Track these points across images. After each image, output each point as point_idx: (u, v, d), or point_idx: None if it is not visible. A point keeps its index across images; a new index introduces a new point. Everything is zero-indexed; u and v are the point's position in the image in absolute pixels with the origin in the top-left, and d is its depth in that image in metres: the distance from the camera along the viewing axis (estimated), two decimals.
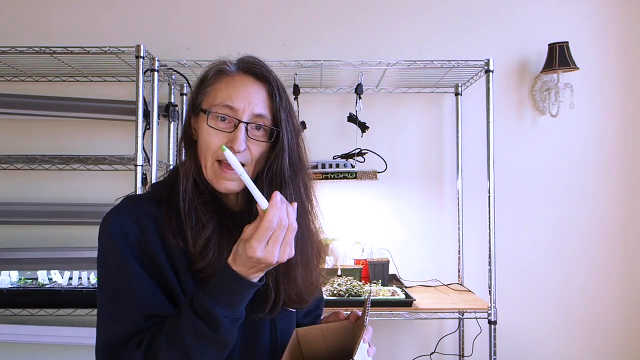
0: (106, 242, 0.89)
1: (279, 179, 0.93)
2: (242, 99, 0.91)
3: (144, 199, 0.97)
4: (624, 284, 2.48)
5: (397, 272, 2.38)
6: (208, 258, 0.89)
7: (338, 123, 2.42)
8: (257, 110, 0.92)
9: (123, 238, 0.88)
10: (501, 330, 2.33)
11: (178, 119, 2.38)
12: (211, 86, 0.95)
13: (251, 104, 0.91)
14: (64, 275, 2.10)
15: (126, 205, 0.94)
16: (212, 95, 0.94)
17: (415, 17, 2.50)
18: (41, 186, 2.39)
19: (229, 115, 0.91)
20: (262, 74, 0.94)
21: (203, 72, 1.00)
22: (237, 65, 0.96)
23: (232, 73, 0.95)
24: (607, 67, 2.50)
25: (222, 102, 0.91)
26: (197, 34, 2.47)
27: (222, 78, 0.94)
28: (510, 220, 2.44)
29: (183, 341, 0.81)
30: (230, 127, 0.91)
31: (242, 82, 0.93)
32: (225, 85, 0.93)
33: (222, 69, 0.95)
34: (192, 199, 0.92)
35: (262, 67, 0.95)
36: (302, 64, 2.05)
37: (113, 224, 0.89)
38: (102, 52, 1.97)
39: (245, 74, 0.95)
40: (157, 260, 0.89)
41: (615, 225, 2.49)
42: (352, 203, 2.46)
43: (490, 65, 2.05)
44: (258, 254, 0.79)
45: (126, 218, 0.90)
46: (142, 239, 0.89)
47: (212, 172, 0.92)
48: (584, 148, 2.49)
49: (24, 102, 2.29)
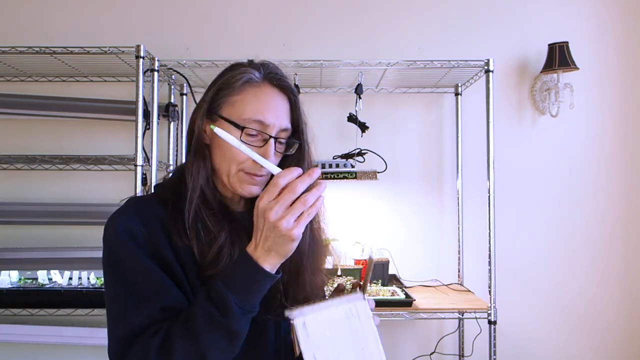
0: (114, 243, 0.88)
1: None
2: (272, 114, 0.92)
3: (148, 200, 0.97)
4: (624, 284, 2.48)
5: (397, 272, 2.38)
6: (220, 266, 0.89)
7: (338, 123, 2.42)
8: (284, 124, 0.93)
9: (131, 237, 0.88)
10: (501, 330, 2.34)
11: (178, 119, 2.38)
12: (237, 95, 0.93)
13: (279, 118, 0.92)
14: (64, 275, 2.10)
15: (131, 206, 0.94)
16: (238, 107, 0.92)
17: (415, 17, 2.50)
18: (41, 186, 2.39)
19: (259, 130, 0.91)
20: (287, 86, 0.95)
21: (221, 75, 0.97)
22: (262, 74, 0.94)
23: (258, 83, 0.93)
24: (607, 67, 2.50)
25: (253, 116, 0.91)
26: (197, 34, 2.47)
27: (249, 89, 0.93)
28: (510, 220, 2.44)
29: (195, 328, 0.80)
30: (259, 142, 0.92)
31: (271, 95, 0.93)
32: (253, 98, 0.92)
33: (249, 79, 0.93)
34: (197, 213, 0.91)
35: (285, 78, 0.96)
36: (302, 64, 2.05)
37: (119, 224, 0.89)
38: (102, 52, 1.97)
39: (271, 85, 0.94)
40: (166, 258, 0.88)
41: (615, 225, 2.49)
42: (352, 203, 2.46)
43: (490, 65, 2.05)
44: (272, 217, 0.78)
45: (132, 218, 0.90)
46: (149, 238, 0.89)
47: (237, 179, 0.93)
48: (584, 148, 2.49)
49: (24, 102, 2.29)
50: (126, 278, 0.87)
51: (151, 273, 0.86)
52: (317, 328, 0.80)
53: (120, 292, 0.87)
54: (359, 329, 0.81)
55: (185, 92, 2.42)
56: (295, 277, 0.95)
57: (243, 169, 0.92)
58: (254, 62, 0.98)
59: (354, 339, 0.80)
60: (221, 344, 0.81)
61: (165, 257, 0.88)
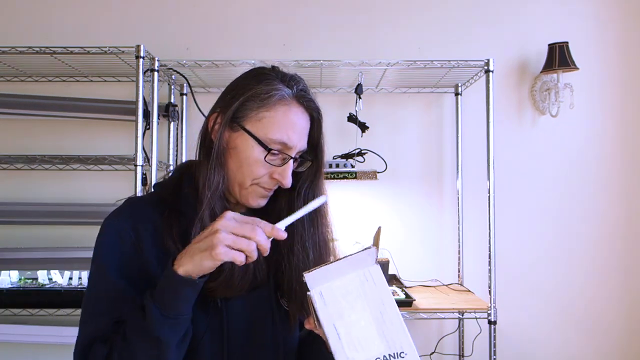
0: (96, 244, 0.90)
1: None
2: (297, 136, 0.92)
3: (145, 202, 0.96)
4: (624, 284, 2.48)
5: (397, 272, 2.38)
6: (220, 280, 0.88)
7: (338, 123, 2.42)
8: (303, 146, 0.95)
9: (117, 242, 0.89)
10: (501, 330, 2.34)
11: (178, 119, 2.38)
12: (266, 112, 0.90)
13: (301, 140, 0.93)
14: (64, 275, 2.10)
15: (126, 209, 0.94)
16: (266, 124, 0.90)
17: (415, 17, 2.50)
18: (41, 186, 2.39)
19: (281, 151, 0.91)
20: (314, 107, 0.96)
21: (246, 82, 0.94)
22: (292, 92, 0.93)
23: (288, 102, 0.92)
24: (607, 67, 2.50)
25: (279, 138, 0.90)
26: (197, 34, 2.47)
27: (279, 107, 0.91)
28: (510, 220, 2.44)
29: (127, 336, 0.81)
30: (278, 161, 0.92)
31: (298, 116, 0.93)
32: (282, 117, 0.91)
33: (281, 97, 0.91)
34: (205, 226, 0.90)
35: (312, 98, 0.96)
36: (302, 64, 2.05)
37: (109, 227, 0.90)
38: (102, 52, 1.97)
39: (299, 103, 0.94)
40: (149, 269, 0.88)
41: (615, 225, 2.49)
42: (352, 203, 2.46)
43: (490, 65, 2.05)
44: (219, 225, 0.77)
45: (124, 222, 0.90)
46: (137, 244, 0.89)
47: (250, 191, 0.93)
48: (584, 148, 2.49)
49: (24, 102, 2.29)
50: (92, 284, 0.89)
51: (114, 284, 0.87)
52: (334, 297, 0.78)
53: (88, 295, 0.89)
54: (376, 294, 0.80)
55: (185, 92, 2.42)
56: None
57: (258, 183, 0.92)
58: (280, 73, 0.95)
59: (372, 305, 0.79)
60: (150, 352, 0.81)
61: (148, 267, 0.89)
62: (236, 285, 0.89)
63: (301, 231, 0.96)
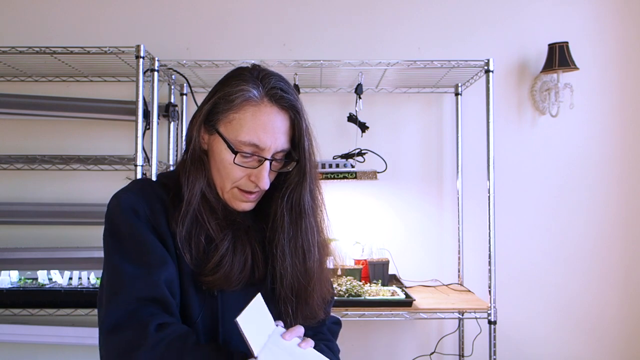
0: (117, 216, 0.89)
1: (299, 208, 0.95)
2: (269, 137, 0.89)
3: (153, 184, 0.97)
4: (624, 284, 2.48)
5: (397, 272, 2.38)
6: (219, 274, 0.88)
7: (338, 123, 2.42)
8: (281, 146, 0.91)
9: (134, 213, 0.88)
10: (501, 331, 2.33)
11: (178, 119, 2.38)
12: (234, 113, 0.90)
13: (276, 141, 0.90)
14: (64, 275, 2.10)
15: (136, 185, 0.95)
16: (235, 125, 0.89)
17: (415, 17, 2.50)
18: (41, 186, 2.39)
19: (254, 153, 0.90)
20: (288, 104, 0.91)
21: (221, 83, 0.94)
22: (262, 90, 0.90)
23: (257, 102, 0.89)
24: (607, 67, 2.50)
25: (248, 140, 0.89)
26: (197, 34, 2.46)
27: (247, 108, 0.89)
28: (510, 220, 2.44)
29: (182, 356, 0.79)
30: (254, 163, 0.91)
31: (269, 117, 0.89)
32: (251, 118, 0.89)
33: (247, 98, 0.89)
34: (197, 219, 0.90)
35: (288, 95, 0.91)
36: (302, 64, 2.05)
37: (124, 200, 0.90)
38: (102, 52, 1.97)
39: (270, 103, 0.90)
40: (165, 239, 0.89)
41: (615, 225, 2.49)
42: (352, 203, 2.46)
43: (490, 65, 2.05)
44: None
45: (136, 196, 0.91)
46: (151, 217, 0.89)
47: (231, 195, 0.93)
48: (584, 148, 2.49)
49: (24, 102, 2.29)
50: (130, 249, 0.86)
51: (154, 245, 0.87)
52: None
53: (123, 262, 0.86)
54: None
55: (185, 92, 2.42)
56: (305, 300, 0.96)
57: (238, 186, 0.92)
58: (257, 71, 0.94)
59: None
60: None
61: (165, 238, 0.89)
62: (234, 279, 0.90)
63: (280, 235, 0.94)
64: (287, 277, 0.93)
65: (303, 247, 0.95)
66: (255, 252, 0.94)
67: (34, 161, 2.18)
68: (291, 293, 0.94)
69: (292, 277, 0.94)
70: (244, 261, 0.92)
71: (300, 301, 0.95)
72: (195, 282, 0.90)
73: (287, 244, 0.94)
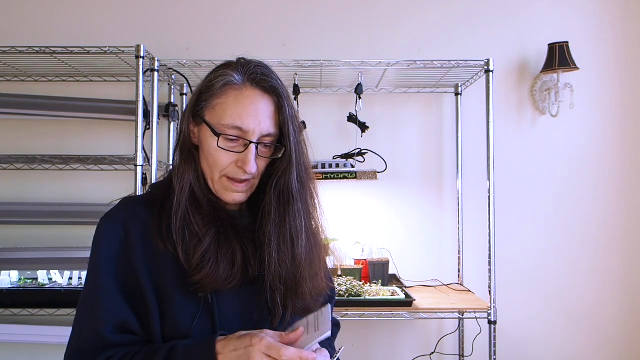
0: (92, 248, 0.92)
1: (287, 194, 0.94)
2: (252, 120, 0.89)
3: (138, 202, 0.97)
4: (624, 284, 2.48)
5: (397, 272, 2.38)
6: (205, 271, 0.88)
7: (338, 123, 2.42)
8: (266, 129, 0.90)
9: (108, 244, 0.90)
10: (501, 330, 2.33)
11: (178, 119, 2.37)
12: (217, 99, 0.91)
13: (261, 124, 0.90)
14: (64, 275, 2.10)
15: (119, 209, 0.95)
16: (218, 111, 0.90)
17: (415, 17, 2.50)
18: (41, 186, 2.39)
19: (238, 136, 0.90)
20: (270, 87, 0.91)
21: (206, 76, 0.96)
22: (243, 75, 0.91)
23: (239, 86, 0.90)
24: (607, 67, 2.50)
25: (231, 123, 0.89)
26: (197, 34, 2.47)
27: (229, 92, 0.90)
28: (510, 220, 2.44)
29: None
30: (240, 147, 0.90)
31: (251, 100, 0.90)
32: (233, 102, 0.89)
33: (228, 82, 0.90)
34: (185, 215, 0.91)
35: (269, 78, 0.92)
36: (302, 64, 2.05)
37: (101, 229, 0.92)
38: (102, 52, 1.97)
39: (252, 87, 0.91)
40: (137, 269, 0.89)
41: (615, 225, 2.49)
42: (352, 203, 2.46)
43: (490, 65, 2.05)
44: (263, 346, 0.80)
45: (115, 222, 0.92)
46: (126, 245, 0.90)
47: (220, 185, 0.93)
48: (584, 148, 2.49)
49: (24, 102, 2.29)
50: (88, 287, 0.91)
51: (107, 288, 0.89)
52: None
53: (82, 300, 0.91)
54: None
55: (185, 92, 2.42)
56: (294, 289, 0.94)
57: (226, 174, 0.92)
58: (243, 61, 0.95)
59: None
60: None
61: (136, 268, 0.89)
62: (223, 278, 0.89)
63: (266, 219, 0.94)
64: (273, 263, 0.92)
65: (291, 232, 0.93)
66: (246, 249, 0.93)
67: (34, 161, 2.18)
68: (279, 281, 0.92)
69: (280, 263, 0.92)
70: (231, 257, 0.91)
71: (289, 290, 0.93)
72: (188, 288, 0.89)
73: (274, 229, 0.93)
